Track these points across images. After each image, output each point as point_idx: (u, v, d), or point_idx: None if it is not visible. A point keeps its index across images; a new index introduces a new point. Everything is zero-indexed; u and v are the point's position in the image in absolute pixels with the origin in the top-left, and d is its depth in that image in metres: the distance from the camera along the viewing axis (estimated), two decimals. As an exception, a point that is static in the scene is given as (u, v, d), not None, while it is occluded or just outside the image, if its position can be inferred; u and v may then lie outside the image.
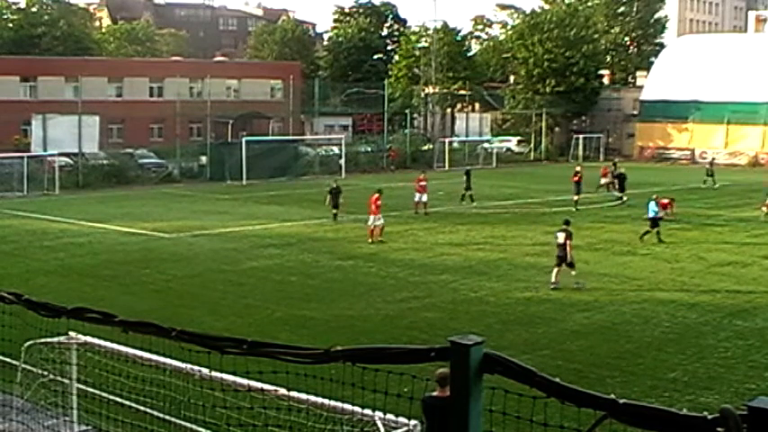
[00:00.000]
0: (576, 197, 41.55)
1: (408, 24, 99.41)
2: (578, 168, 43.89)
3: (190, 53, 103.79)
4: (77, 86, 58.14)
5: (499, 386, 2.94)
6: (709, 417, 2.33)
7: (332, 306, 21.42)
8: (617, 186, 43.92)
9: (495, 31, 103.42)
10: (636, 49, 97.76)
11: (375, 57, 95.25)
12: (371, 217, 31.65)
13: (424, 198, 38.47)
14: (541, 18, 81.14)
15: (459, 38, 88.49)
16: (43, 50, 78.54)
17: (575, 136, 77.55)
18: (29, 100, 64.35)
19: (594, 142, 77.09)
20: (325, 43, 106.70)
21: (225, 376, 6.67)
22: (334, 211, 36.47)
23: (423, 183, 38.80)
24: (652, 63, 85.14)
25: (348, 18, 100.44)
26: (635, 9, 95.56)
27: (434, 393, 8.18)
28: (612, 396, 2.50)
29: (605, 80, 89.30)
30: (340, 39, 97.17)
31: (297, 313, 20.62)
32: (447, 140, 69.13)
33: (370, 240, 30.98)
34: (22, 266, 26.38)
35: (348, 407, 7.39)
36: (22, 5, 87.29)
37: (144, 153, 58.54)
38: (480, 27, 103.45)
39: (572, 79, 77.60)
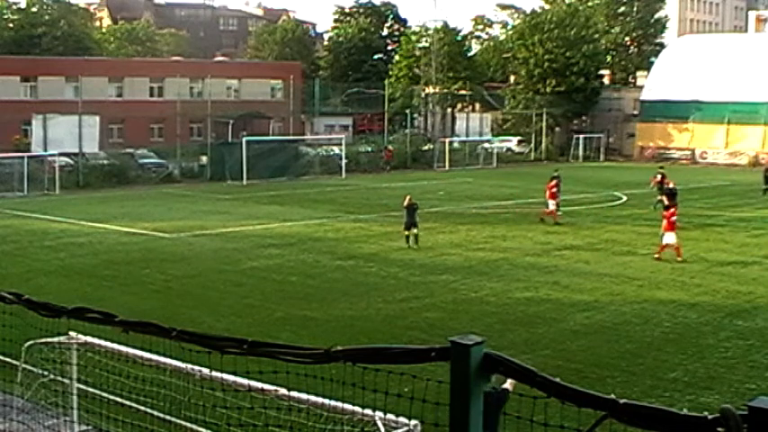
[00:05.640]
0: (660, 197, 37.97)
1: (408, 24, 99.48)
2: (663, 171, 42.23)
3: (190, 53, 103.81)
4: (77, 86, 58.18)
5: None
6: (710, 417, 2.33)
7: (332, 306, 21.42)
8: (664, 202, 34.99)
9: (496, 31, 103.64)
10: (636, 49, 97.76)
11: (375, 57, 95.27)
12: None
13: (551, 206, 36.07)
14: (542, 18, 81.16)
15: (459, 38, 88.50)
16: (43, 50, 78.55)
17: (575, 136, 77.62)
18: (29, 100, 64.37)
19: (595, 142, 77.17)
20: (326, 43, 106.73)
21: (225, 376, 6.67)
22: (411, 231, 29.80)
23: (555, 189, 36.27)
24: (652, 63, 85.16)
25: (348, 18, 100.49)
26: (635, 9, 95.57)
27: None
28: (612, 396, 2.50)
29: (605, 80, 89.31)
30: (340, 39, 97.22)
31: (297, 313, 20.62)
32: (447, 140, 69.12)
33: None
34: (23, 266, 26.38)
35: (348, 407, 7.39)
36: (23, 5, 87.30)
37: (144, 153, 58.55)
38: (480, 27, 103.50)
39: (572, 79, 77.61)
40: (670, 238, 27.60)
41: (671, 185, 37.26)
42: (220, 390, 7.15)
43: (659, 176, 40.71)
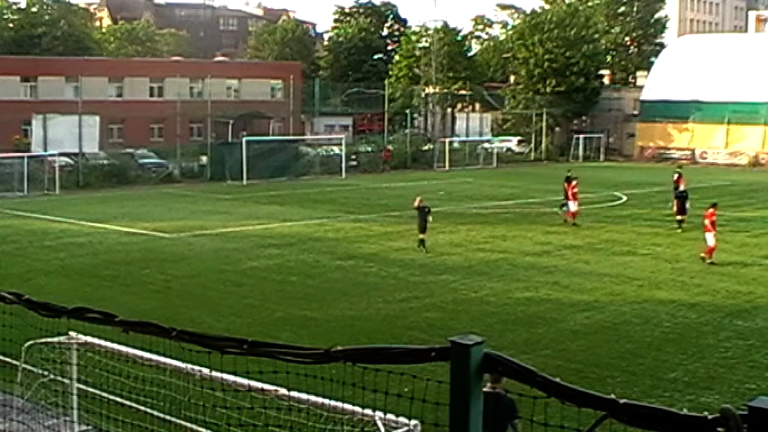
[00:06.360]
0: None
1: (408, 24, 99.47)
2: (681, 171, 40.76)
3: (190, 53, 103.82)
4: (78, 86, 58.19)
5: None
6: (710, 417, 2.33)
7: (332, 306, 21.42)
8: (676, 207, 33.96)
9: (496, 31, 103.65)
10: (636, 49, 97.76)
11: (375, 57, 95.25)
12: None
13: (574, 207, 35.36)
14: (542, 18, 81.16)
15: (459, 38, 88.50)
16: (43, 50, 78.55)
17: (575, 136, 77.62)
18: (29, 100, 64.37)
19: (595, 142, 77.17)
20: (326, 43, 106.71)
21: (225, 376, 6.66)
22: (422, 236, 29.40)
23: (575, 190, 35.63)
24: (652, 63, 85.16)
25: (348, 18, 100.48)
26: (635, 9, 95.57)
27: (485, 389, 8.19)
28: (612, 396, 2.50)
29: (605, 80, 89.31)
30: (340, 39, 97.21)
31: (297, 313, 20.62)
32: (447, 140, 69.12)
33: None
34: (23, 266, 26.38)
35: (348, 407, 7.38)
36: (23, 5, 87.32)
37: (144, 153, 58.56)
38: (480, 27, 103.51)
39: (572, 79, 77.60)
40: (710, 238, 27.19)
41: (681, 188, 36.32)
42: (220, 390, 7.14)
43: (675, 176, 40.77)
